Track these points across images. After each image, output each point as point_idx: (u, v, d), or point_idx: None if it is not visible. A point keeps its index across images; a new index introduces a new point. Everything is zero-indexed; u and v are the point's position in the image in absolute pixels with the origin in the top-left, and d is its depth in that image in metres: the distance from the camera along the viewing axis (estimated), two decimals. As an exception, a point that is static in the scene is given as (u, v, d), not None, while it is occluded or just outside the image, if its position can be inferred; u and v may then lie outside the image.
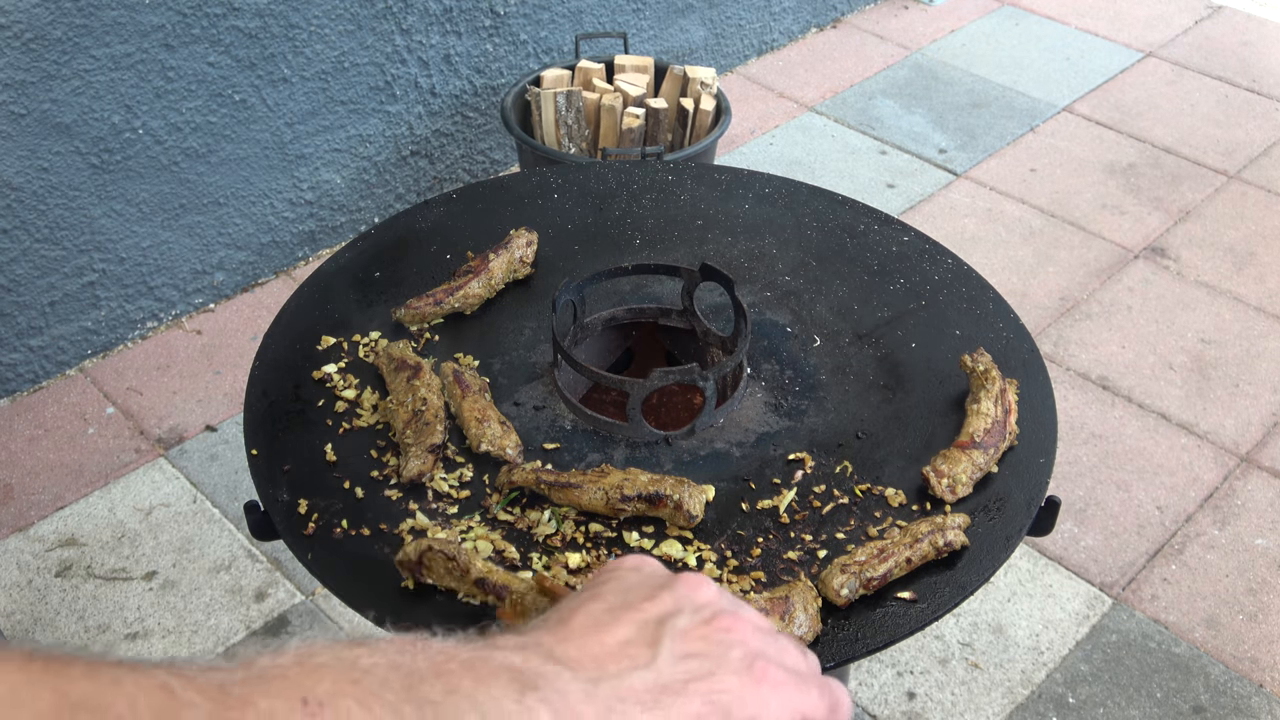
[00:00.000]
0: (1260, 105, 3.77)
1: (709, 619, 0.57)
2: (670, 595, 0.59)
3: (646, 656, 0.54)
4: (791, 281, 1.41)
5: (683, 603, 0.58)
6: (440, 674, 0.46)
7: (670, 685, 0.53)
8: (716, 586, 0.61)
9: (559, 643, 0.53)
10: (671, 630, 0.56)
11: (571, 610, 0.57)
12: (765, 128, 3.60)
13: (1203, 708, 2.04)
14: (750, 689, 0.54)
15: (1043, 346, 2.76)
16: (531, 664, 0.49)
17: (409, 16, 2.85)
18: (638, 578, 0.60)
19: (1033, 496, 1.13)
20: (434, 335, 1.32)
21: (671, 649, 0.55)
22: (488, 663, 0.48)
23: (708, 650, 0.55)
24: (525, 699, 0.47)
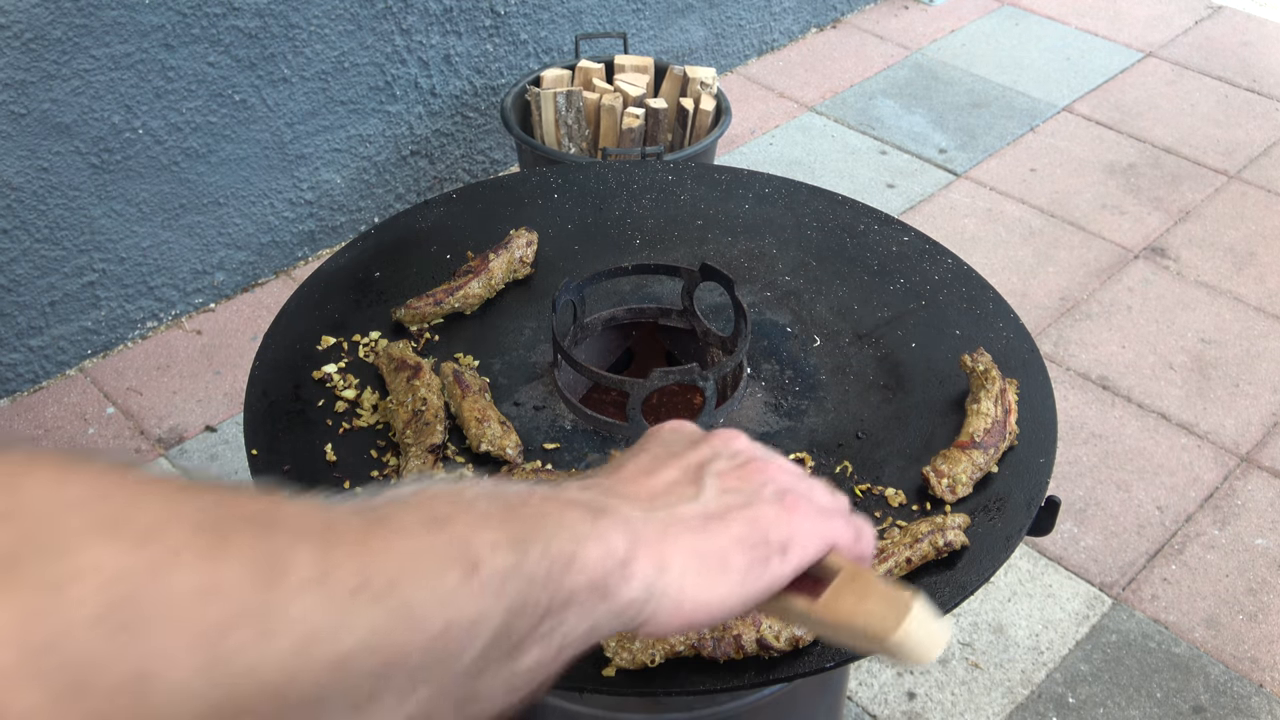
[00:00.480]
0: (1260, 105, 3.78)
1: (744, 463, 0.65)
2: (708, 445, 0.67)
3: (692, 492, 0.62)
4: (791, 281, 1.41)
5: (720, 450, 0.66)
6: (526, 504, 0.53)
7: (714, 514, 0.61)
8: (748, 438, 0.69)
9: (616, 484, 0.61)
10: (712, 471, 0.64)
11: (621, 463, 0.65)
12: (765, 128, 3.60)
13: (1203, 708, 2.04)
14: (784, 516, 0.62)
15: (1043, 346, 2.76)
16: (597, 498, 0.57)
17: (409, 16, 2.85)
18: (678, 436, 0.68)
19: (1033, 496, 1.13)
20: (434, 335, 1.32)
21: (713, 485, 0.63)
22: (560, 497, 0.55)
23: (744, 487, 0.63)
24: (598, 523, 0.54)
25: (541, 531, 0.51)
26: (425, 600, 0.45)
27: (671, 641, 0.95)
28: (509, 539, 0.49)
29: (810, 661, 0.97)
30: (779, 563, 0.61)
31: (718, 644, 0.95)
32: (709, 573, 0.58)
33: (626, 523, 0.56)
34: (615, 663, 0.95)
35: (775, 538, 0.61)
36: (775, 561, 0.61)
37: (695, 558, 0.58)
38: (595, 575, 0.52)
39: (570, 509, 0.54)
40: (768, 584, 0.61)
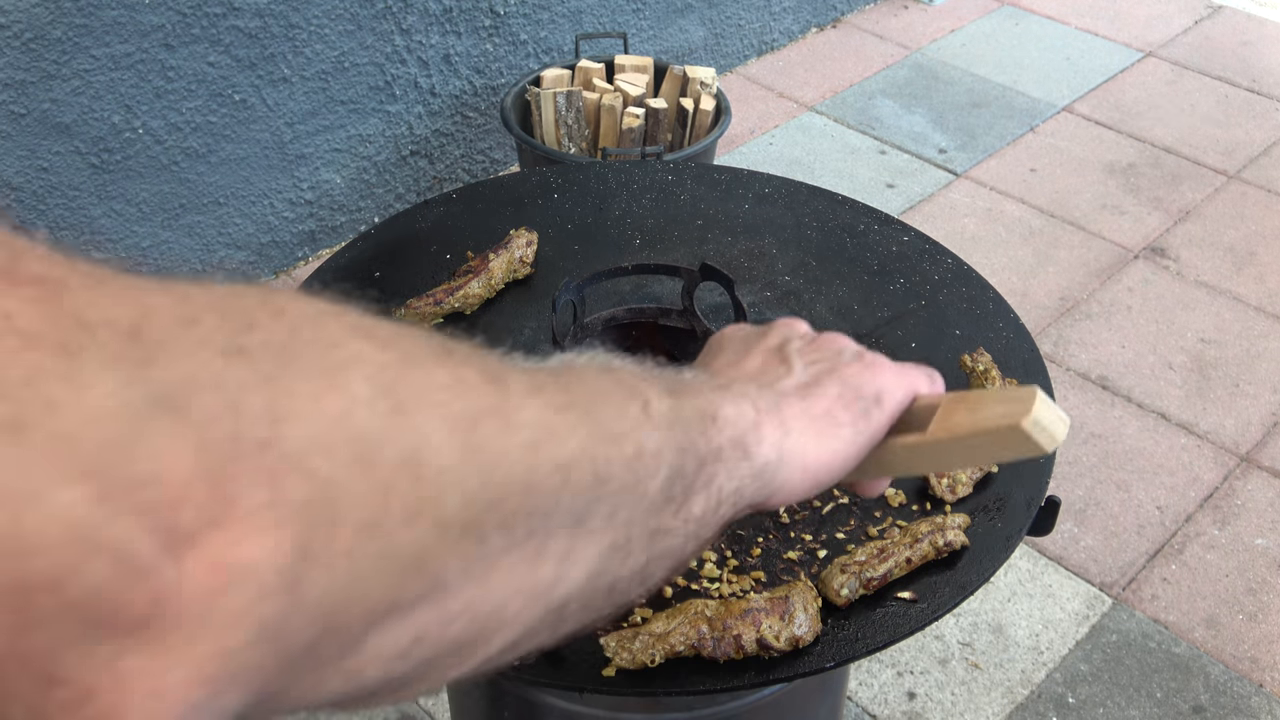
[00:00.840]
0: (1260, 105, 3.78)
1: (814, 339, 0.73)
2: (777, 332, 0.73)
3: (784, 370, 0.67)
4: (791, 281, 1.41)
5: (790, 333, 0.73)
6: (662, 378, 0.56)
7: (810, 382, 0.66)
8: (802, 323, 0.75)
9: (718, 373, 0.67)
10: (792, 350, 0.70)
11: (706, 362, 0.71)
12: (765, 128, 3.60)
13: (1203, 708, 2.04)
14: (869, 372, 0.68)
15: (1043, 346, 2.76)
16: (714, 380, 0.62)
17: (409, 16, 2.85)
18: (744, 332, 0.74)
19: (1033, 496, 1.12)
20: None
21: (799, 360, 0.68)
22: (686, 380, 0.59)
23: (824, 356, 0.69)
24: (727, 391, 0.59)
25: (687, 387, 0.57)
26: (619, 423, 0.49)
27: (671, 642, 0.95)
28: (665, 389, 0.54)
29: (810, 661, 0.97)
30: (878, 412, 0.66)
31: (718, 644, 0.95)
32: (823, 433, 0.63)
33: (745, 394, 0.61)
34: (615, 663, 0.95)
35: (868, 391, 0.66)
36: (875, 412, 0.66)
37: (809, 420, 0.62)
38: (736, 433, 0.57)
39: (702, 388, 0.58)
40: (872, 434, 0.66)
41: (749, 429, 0.58)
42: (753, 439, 0.58)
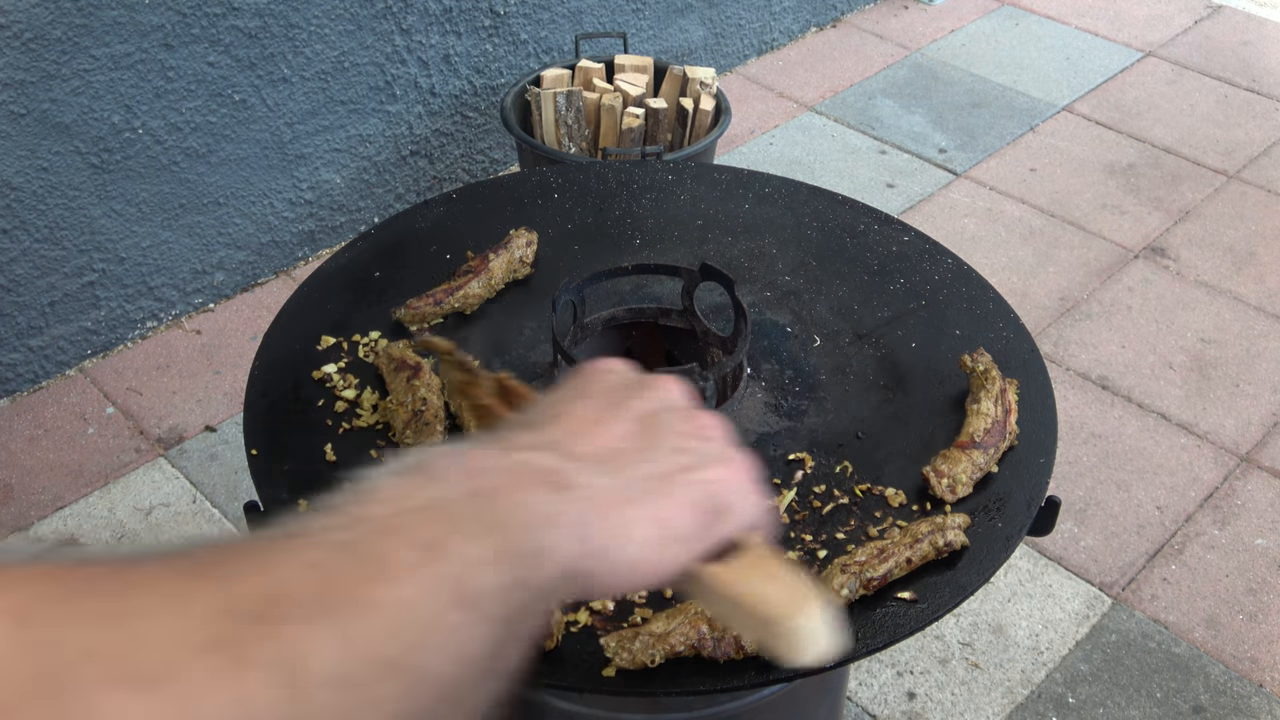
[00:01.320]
0: (1260, 105, 3.78)
1: (689, 415, 0.64)
2: (651, 395, 0.64)
3: (646, 451, 0.60)
4: (791, 281, 1.41)
5: (666, 400, 0.65)
6: (499, 491, 0.51)
7: (669, 476, 0.59)
8: (680, 386, 0.67)
9: (568, 440, 0.59)
10: (662, 427, 0.62)
11: (563, 409, 0.62)
12: (765, 128, 3.60)
13: (1203, 708, 2.04)
14: (730, 480, 0.61)
15: (1043, 346, 2.76)
16: (557, 467, 0.55)
17: (409, 16, 2.85)
18: (615, 379, 0.66)
19: (1033, 496, 1.12)
20: (434, 335, 1.32)
21: (666, 444, 0.61)
22: (526, 470, 0.54)
23: (696, 445, 0.62)
24: (562, 499, 0.53)
25: (520, 531, 0.50)
26: (437, 657, 0.45)
27: (672, 642, 0.95)
28: (495, 553, 0.48)
29: (810, 661, 0.97)
30: (719, 527, 0.60)
31: (718, 644, 0.95)
32: (657, 540, 0.57)
33: (587, 494, 0.55)
34: (615, 663, 0.95)
35: (720, 502, 0.60)
36: (717, 526, 0.60)
37: (652, 524, 0.56)
38: (564, 563, 0.52)
39: (536, 488, 0.53)
40: (708, 547, 0.59)
41: (578, 555, 0.53)
42: (579, 562, 0.53)
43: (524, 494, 0.52)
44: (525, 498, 0.52)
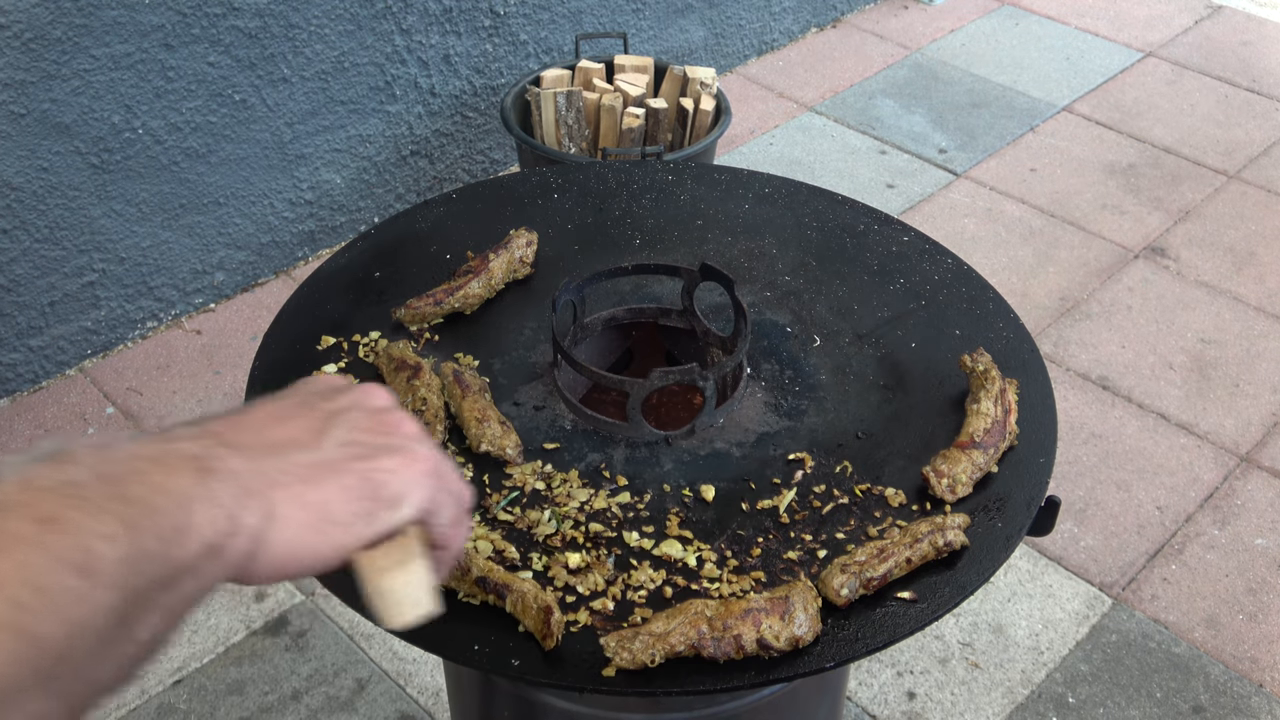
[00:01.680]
0: (1260, 105, 3.78)
1: (379, 413, 0.65)
2: (348, 397, 0.66)
3: (312, 442, 0.61)
4: (791, 281, 1.41)
5: (359, 402, 0.66)
6: (136, 475, 0.52)
7: (330, 463, 0.60)
8: (393, 397, 0.68)
9: (231, 430, 0.60)
10: (342, 422, 0.63)
11: (251, 408, 0.64)
12: (765, 128, 3.60)
13: (1203, 708, 2.04)
14: (405, 471, 0.62)
15: (1043, 346, 2.76)
16: (207, 451, 0.56)
17: (409, 16, 2.85)
18: (321, 385, 0.68)
19: (1033, 496, 1.12)
20: (434, 335, 1.32)
21: (338, 436, 0.62)
22: (170, 457, 0.55)
23: (370, 439, 0.63)
24: (206, 482, 0.54)
25: (153, 507, 0.52)
26: (47, 618, 0.46)
27: (672, 641, 0.95)
28: (123, 525, 0.50)
29: (810, 661, 0.97)
30: (387, 516, 0.61)
31: (718, 644, 0.95)
32: (313, 523, 0.58)
33: (234, 477, 0.56)
34: (615, 663, 0.95)
35: (388, 492, 0.61)
36: (383, 516, 0.61)
37: (299, 508, 0.57)
38: (207, 540, 0.53)
39: (179, 471, 0.54)
40: (372, 537, 0.61)
41: (225, 528, 0.54)
42: (227, 537, 0.54)
43: (162, 477, 0.53)
44: (163, 480, 0.53)
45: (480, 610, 1.00)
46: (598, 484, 1.13)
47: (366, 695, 2.03)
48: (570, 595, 1.02)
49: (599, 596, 1.02)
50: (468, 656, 0.96)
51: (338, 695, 2.03)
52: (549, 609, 0.96)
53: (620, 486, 1.13)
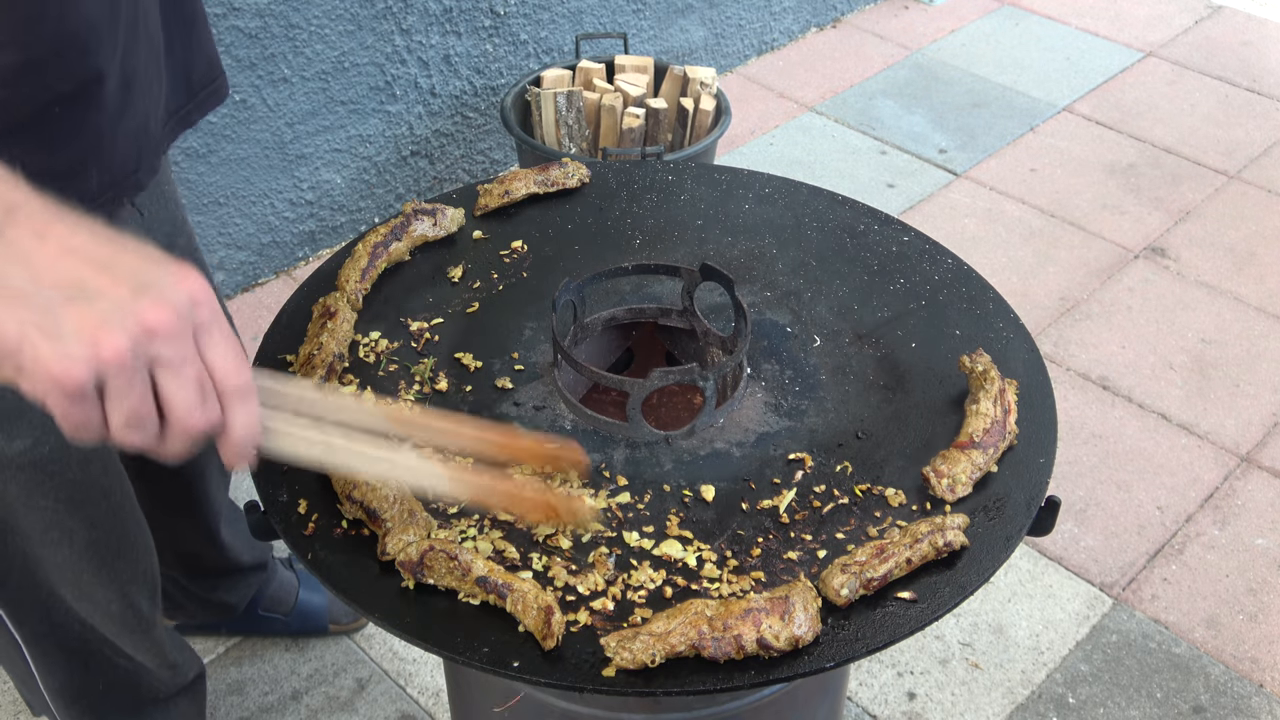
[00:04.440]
0: (1260, 105, 3.78)
1: (146, 288, 0.70)
2: (156, 270, 0.71)
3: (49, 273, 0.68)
4: (791, 281, 1.41)
5: (157, 277, 0.71)
6: None
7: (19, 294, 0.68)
8: (206, 292, 0.73)
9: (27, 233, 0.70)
10: (106, 272, 0.70)
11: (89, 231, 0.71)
12: (765, 128, 3.60)
13: (1203, 708, 2.04)
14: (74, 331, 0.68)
15: (1043, 346, 2.76)
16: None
17: (409, 17, 2.85)
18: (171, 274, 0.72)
19: (1033, 496, 1.13)
20: (434, 335, 1.32)
21: (70, 277, 0.69)
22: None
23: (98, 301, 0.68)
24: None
25: None
26: None
27: (672, 641, 0.95)
28: None
29: (810, 661, 0.97)
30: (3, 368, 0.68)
31: (718, 644, 0.95)
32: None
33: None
34: (615, 663, 0.95)
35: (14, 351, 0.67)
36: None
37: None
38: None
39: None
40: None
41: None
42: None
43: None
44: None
45: (480, 610, 1.00)
46: (598, 484, 1.13)
47: (366, 695, 2.03)
48: (570, 595, 1.02)
49: (599, 596, 1.02)
50: (468, 656, 0.97)
51: (338, 695, 2.03)
52: (549, 609, 0.96)
53: (620, 486, 1.13)
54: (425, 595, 1.02)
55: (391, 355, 1.28)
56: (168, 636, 1.73)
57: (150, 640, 1.67)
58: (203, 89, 1.41)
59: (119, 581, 1.56)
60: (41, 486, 1.39)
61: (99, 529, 1.49)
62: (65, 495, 1.42)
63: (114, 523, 1.52)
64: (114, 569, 1.55)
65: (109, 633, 1.61)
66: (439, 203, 1.48)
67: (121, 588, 1.57)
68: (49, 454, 1.36)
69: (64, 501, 1.42)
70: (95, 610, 1.57)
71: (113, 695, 1.70)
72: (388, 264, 1.39)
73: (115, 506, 1.51)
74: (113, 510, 1.50)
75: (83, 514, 1.46)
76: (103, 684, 1.67)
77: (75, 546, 1.48)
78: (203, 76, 1.41)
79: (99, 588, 1.54)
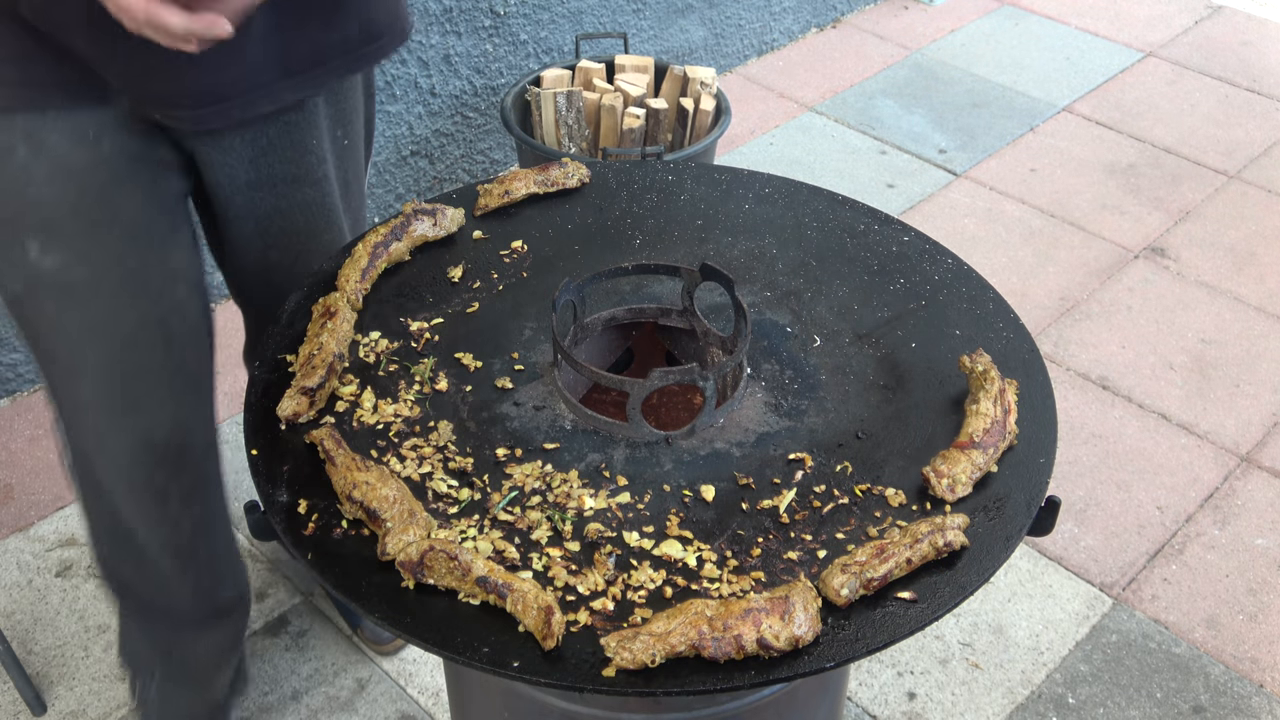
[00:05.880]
0: (1260, 105, 3.78)
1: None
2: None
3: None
4: (791, 281, 1.41)
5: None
6: None
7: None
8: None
9: None
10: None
11: None
12: (765, 128, 3.60)
13: (1203, 708, 2.04)
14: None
15: (1043, 346, 2.76)
16: None
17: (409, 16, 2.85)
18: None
19: (1033, 496, 1.13)
20: (434, 335, 1.32)
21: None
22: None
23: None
24: None
25: None
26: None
27: (672, 641, 0.95)
28: None
29: (810, 661, 0.97)
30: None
31: (718, 644, 0.95)
32: None
33: None
34: (615, 663, 0.95)
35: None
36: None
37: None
38: None
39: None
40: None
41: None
42: None
43: None
44: None
45: (480, 610, 1.00)
46: (598, 484, 1.13)
47: (366, 695, 2.03)
48: (570, 595, 1.02)
49: (599, 596, 1.02)
50: (468, 656, 0.97)
51: (338, 695, 2.03)
52: (549, 609, 0.96)
53: (620, 486, 1.13)
54: (425, 595, 1.02)
55: (391, 355, 1.28)
56: (206, 546, 1.64)
57: (163, 517, 1.57)
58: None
59: (129, 432, 1.48)
60: (69, 310, 1.37)
61: (114, 369, 1.44)
62: (90, 323, 1.39)
63: (133, 366, 1.45)
64: (124, 421, 1.48)
65: (117, 494, 1.54)
66: (439, 203, 1.48)
67: (131, 442, 1.49)
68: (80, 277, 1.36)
69: (87, 330, 1.39)
70: (109, 464, 1.51)
71: (129, 596, 1.67)
72: (388, 264, 1.39)
73: (136, 347, 1.44)
74: (133, 352, 1.44)
75: (101, 347, 1.41)
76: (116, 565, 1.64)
77: (91, 380, 1.44)
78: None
79: (111, 434, 1.49)
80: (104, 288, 1.38)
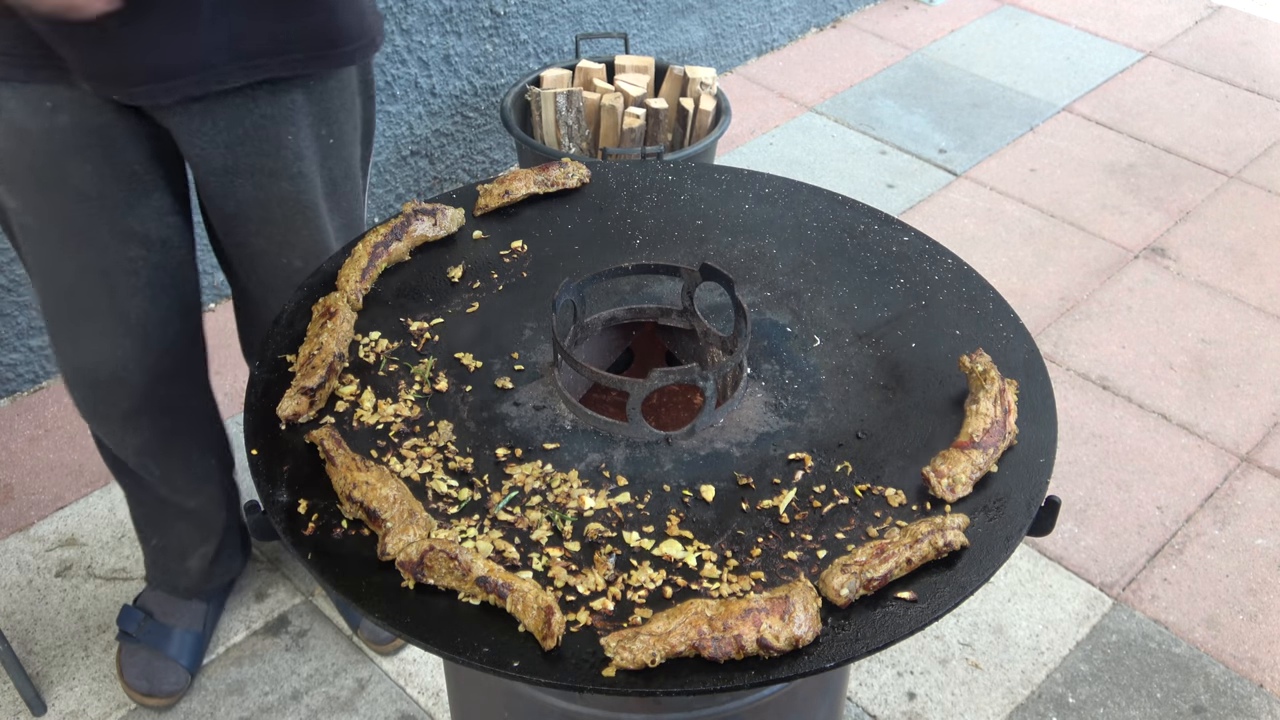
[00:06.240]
0: (1260, 105, 3.78)
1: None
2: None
3: None
4: (791, 281, 1.41)
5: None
6: None
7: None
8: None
9: None
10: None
11: None
12: (765, 128, 3.60)
13: (1203, 708, 2.04)
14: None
15: (1043, 346, 2.76)
16: None
17: (409, 16, 2.85)
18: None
19: (1033, 496, 1.13)
20: (434, 335, 1.32)
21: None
22: None
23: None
24: None
25: None
26: None
27: (672, 641, 0.95)
28: None
29: (810, 661, 0.97)
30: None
31: (718, 644, 0.95)
32: None
33: None
34: (615, 663, 0.95)
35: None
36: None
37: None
38: None
39: None
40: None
41: None
42: None
43: None
44: None
45: (480, 610, 1.00)
46: (598, 484, 1.13)
47: (366, 695, 2.03)
48: (570, 595, 1.02)
49: (599, 596, 1.02)
50: (468, 656, 0.97)
51: (338, 695, 2.03)
52: (549, 609, 0.96)
53: (620, 486, 1.13)
54: (425, 595, 1.02)
55: (391, 355, 1.28)
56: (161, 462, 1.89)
57: (109, 432, 1.83)
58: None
59: (67, 359, 1.70)
60: (25, 243, 1.60)
61: (60, 307, 1.64)
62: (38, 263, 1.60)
63: (73, 309, 1.64)
64: (64, 348, 1.69)
65: (75, 396, 1.76)
66: (439, 203, 1.48)
67: (67, 367, 1.71)
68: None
69: (37, 266, 1.61)
70: (62, 370, 1.73)
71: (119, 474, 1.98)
72: (388, 264, 1.39)
73: (75, 294, 1.62)
74: (73, 298, 1.63)
75: (49, 285, 1.63)
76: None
77: (43, 307, 1.66)
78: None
79: (57, 354, 1.71)
80: (49, 237, 1.57)
